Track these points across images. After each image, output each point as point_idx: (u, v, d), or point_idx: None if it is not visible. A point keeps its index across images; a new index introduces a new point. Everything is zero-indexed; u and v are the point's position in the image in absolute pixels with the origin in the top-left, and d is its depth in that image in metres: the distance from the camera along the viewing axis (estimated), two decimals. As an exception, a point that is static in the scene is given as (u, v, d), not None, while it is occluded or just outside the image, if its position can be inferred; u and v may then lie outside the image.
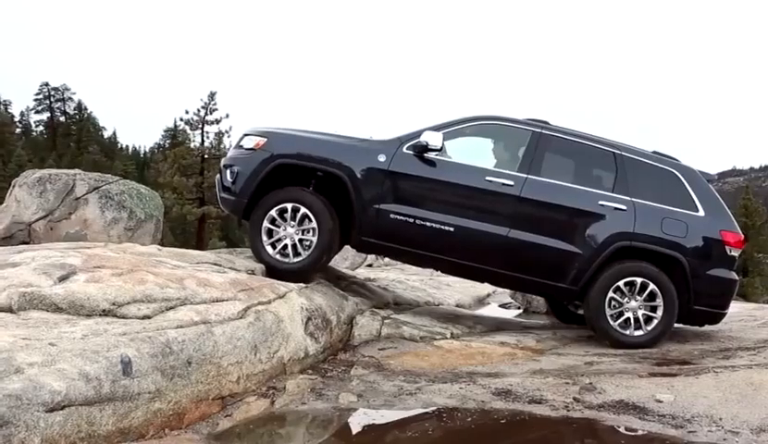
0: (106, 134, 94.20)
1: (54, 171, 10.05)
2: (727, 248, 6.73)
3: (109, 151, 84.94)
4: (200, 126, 45.27)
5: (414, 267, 10.05)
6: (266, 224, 6.44)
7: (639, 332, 6.53)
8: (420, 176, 6.54)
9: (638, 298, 6.54)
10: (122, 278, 4.70)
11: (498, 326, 7.68)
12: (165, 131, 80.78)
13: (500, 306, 11.61)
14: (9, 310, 4.17)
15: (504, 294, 12.06)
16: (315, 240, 6.41)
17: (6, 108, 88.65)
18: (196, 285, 4.99)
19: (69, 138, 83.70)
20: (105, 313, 4.33)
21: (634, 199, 6.67)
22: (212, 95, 45.50)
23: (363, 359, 5.78)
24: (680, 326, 6.91)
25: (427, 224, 6.44)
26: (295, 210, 6.43)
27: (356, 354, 5.92)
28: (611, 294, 6.53)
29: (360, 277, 8.55)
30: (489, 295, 12.74)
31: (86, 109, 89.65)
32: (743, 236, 7.04)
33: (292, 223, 6.43)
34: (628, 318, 6.54)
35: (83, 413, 3.38)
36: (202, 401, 4.14)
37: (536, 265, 6.61)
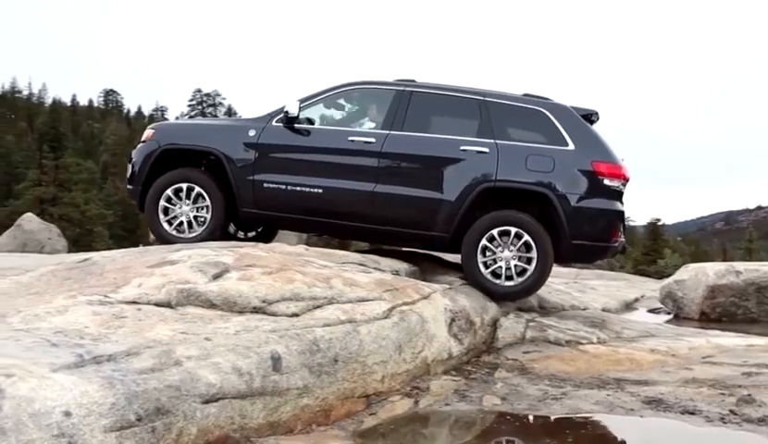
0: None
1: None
2: (601, 178, 6.52)
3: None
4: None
5: (555, 270, 9.86)
6: (162, 203, 6.82)
7: (511, 282, 6.46)
8: (287, 144, 6.89)
9: (512, 248, 6.43)
10: (272, 277, 4.85)
11: (647, 331, 7.36)
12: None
13: (648, 311, 11.19)
14: (168, 305, 4.37)
15: (653, 299, 11.62)
16: (208, 216, 6.81)
17: (162, 114, 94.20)
18: (342, 284, 5.08)
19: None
20: (255, 310, 4.48)
21: (497, 141, 6.61)
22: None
23: (506, 362, 5.69)
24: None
25: (298, 188, 6.74)
26: (190, 189, 6.84)
27: (500, 357, 5.84)
28: (484, 242, 6.46)
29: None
30: (636, 299, 12.31)
31: (236, 113, 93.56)
32: (621, 165, 6.68)
33: (187, 201, 6.85)
34: (500, 267, 6.45)
35: (236, 406, 3.52)
36: (347, 399, 4.21)
37: (405, 217, 6.69)
